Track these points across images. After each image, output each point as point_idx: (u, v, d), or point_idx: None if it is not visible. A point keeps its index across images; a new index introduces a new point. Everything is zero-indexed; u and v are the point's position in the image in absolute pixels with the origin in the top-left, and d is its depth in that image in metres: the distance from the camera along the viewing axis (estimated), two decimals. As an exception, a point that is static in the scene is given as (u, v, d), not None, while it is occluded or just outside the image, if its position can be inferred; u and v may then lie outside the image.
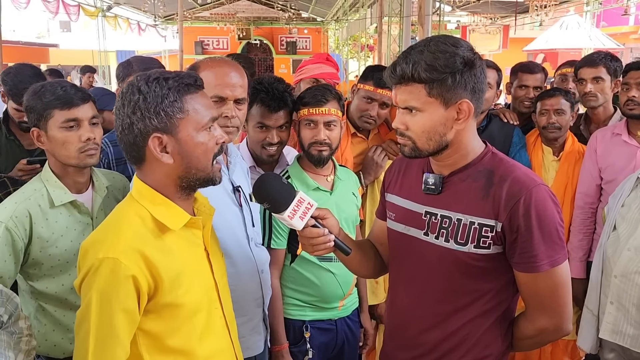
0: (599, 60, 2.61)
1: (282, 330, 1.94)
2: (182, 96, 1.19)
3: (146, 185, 1.24)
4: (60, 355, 1.70)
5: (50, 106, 1.62)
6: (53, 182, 1.67)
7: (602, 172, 2.49)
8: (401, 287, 1.47)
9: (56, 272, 1.66)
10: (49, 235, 1.63)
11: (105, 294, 1.11)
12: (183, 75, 1.21)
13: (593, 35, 14.62)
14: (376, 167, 2.34)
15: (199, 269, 1.29)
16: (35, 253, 1.61)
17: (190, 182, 1.25)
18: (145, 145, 1.19)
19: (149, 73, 1.21)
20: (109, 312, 1.11)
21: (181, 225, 1.24)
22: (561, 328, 1.34)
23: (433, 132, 1.30)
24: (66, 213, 1.68)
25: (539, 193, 1.26)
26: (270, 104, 1.97)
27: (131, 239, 1.16)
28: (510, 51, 14.86)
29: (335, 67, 3.22)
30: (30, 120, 1.66)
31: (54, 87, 1.64)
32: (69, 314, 1.69)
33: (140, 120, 1.17)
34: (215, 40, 17.48)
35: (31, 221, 1.60)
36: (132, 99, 1.17)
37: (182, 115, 1.19)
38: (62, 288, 1.67)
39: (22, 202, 1.61)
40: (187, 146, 1.20)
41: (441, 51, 1.26)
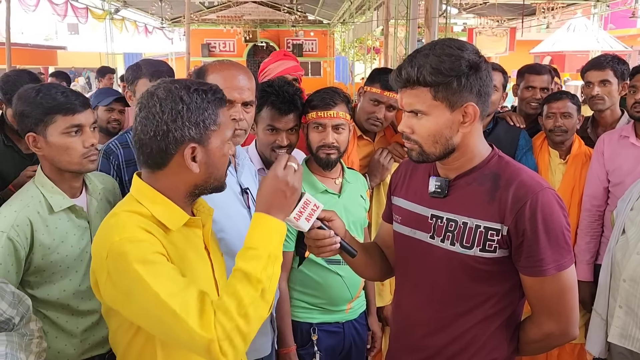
0: (606, 63, 2.61)
1: (290, 333, 1.95)
2: (217, 109, 1.24)
3: (147, 186, 1.25)
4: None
5: (53, 111, 1.60)
6: (49, 187, 1.66)
7: (609, 175, 2.49)
8: (407, 290, 1.48)
9: (57, 278, 1.65)
10: (50, 242, 1.62)
11: (145, 260, 1.11)
12: (216, 89, 1.26)
13: (600, 37, 14.56)
14: (382, 170, 2.35)
15: (200, 266, 1.30)
16: (37, 261, 1.60)
17: (203, 190, 1.28)
18: (175, 152, 1.21)
19: (186, 83, 1.23)
20: (158, 269, 1.11)
21: (180, 225, 1.26)
22: (568, 333, 1.34)
23: (439, 135, 1.30)
24: (65, 218, 1.67)
25: (546, 197, 1.26)
26: (280, 106, 1.98)
27: (139, 224, 1.18)
28: (517, 53, 14.83)
29: (294, 59, 3.27)
30: (24, 125, 1.62)
31: (53, 92, 1.62)
32: (71, 319, 1.68)
33: (179, 128, 1.19)
34: (222, 43, 17.57)
35: (32, 229, 1.58)
36: (174, 107, 1.19)
37: (215, 127, 1.24)
38: (64, 294, 1.65)
39: (21, 210, 1.59)
40: (214, 157, 1.25)
41: (447, 54, 1.26)
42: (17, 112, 1.64)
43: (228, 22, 16.61)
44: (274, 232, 1.21)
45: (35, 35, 24.43)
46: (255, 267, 1.14)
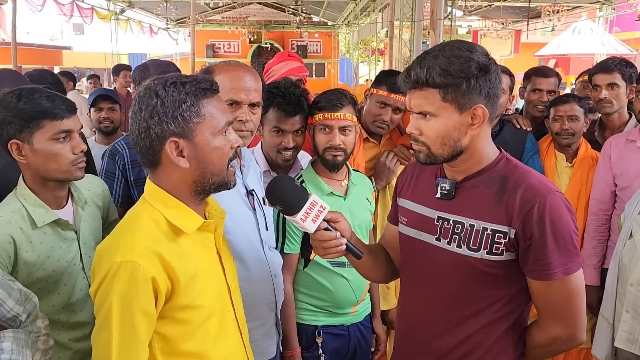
0: (613, 66, 2.60)
1: (295, 335, 1.94)
2: (198, 101, 1.20)
3: (159, 189, 1.24)
4: None
5: (39, 117, 1.50)
6: (32, 200, 1.55)
7: (616, 179, 2.48)
8: (412, 292, 1.47)
9: (44, 293, 1.57)
10: (35, 259, 1.53)
11: (126, 298, 1.11)
12: (200, 80, 1.22)
13: (606, 40, 14.52)
14: (388, 172, 2.35)
15: (212, 272, 1.29)
16: (23, 279, 1.51)
17: (205, 186, 1.25)
18: (161, 149, 1.19)
19: (165, 77, 1.21)
20: (130, 315, 1.11)
21: (195, 229, 1.25)
22: (575, 337, 1.33)
23: (447, 137, 1.29)
24: (50, 232, 1.58)
25: (554, 200, 1.25)
26: (286, 108, 1.98)
27: (147, 240, 1.16)
28: (522, 56, 14.81)
29: (299, 60, 3.25)
30: (5, 132, 1.50)
31: (36, 97, 1.52)
32: (63, 332, 1.62)
33: (157, 124, 1.17)
34: (226, 44, 17.61)
35: (15, 247, 1.50)
36: (149, 103, 1.17)
37: (199, 119, 1.20)
38: (53, 308, 1.59)
39: (2, 227, 1.49)
40: (204, 150, 1.21)
41: (456, 56, 1.25)
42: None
43: (233, 23, 16.65)
44: None
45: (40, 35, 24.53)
46: None
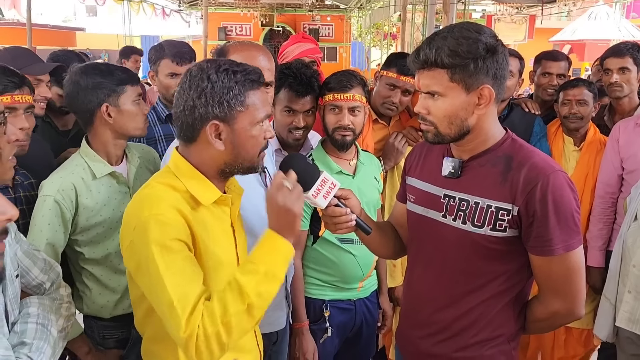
0: (625, 50, 2.60)
1: (303, 309, 2.00)
2: (245, 91, 1.26)
3: (184, 160, 1.30)
4: (107, 316, 1.84)
5: (124, 82, 1.76)
6: (92, 156, 1.78)
7: (623, 163, 2.49)
8: (418, 267, 1.52)
9: (101, 238, 1.78)
10: (94, 205, 1.75)
11: (163, 244, 1.16)
12: (250, 71, 1.27)
13: (622, 26, 14.26)
14: (396, 153, 2.38)
15: (225, 243, 1.36)
16: (82, 222, 1.74)
17: (234, 168, 1.32)
18: (201, 128, 1.25)
19: (219, 62, 1.27)
20: (172, 257, 1.16)
21: (212, 201, 1.31)
22: (573, 312, 1.37)
23: (454, 116, 1.33)
24: (107, 184, 1.79)
25: (557, 179, 1.29)
26: (297, 88, 2.02)
27: (170, 200, 1.23)
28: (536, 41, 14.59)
29: (313, 42, 3.27)
30: (95, 97, 1.73)
31: (112, 67, 1.80)
32: (114, 277, 1.83)
33: (203, 105, 1.23)
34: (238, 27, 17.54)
35: (76, 193, 1.71)
36: (200, 84, 1.23)
37: (242, 108, 1.26)
38: (107, 252, 1.79)
39: (66, 176, 1.73)
40: (240, 138, 1.27)
41: (464, 37, 1.28)
42: (86, 85, 1.73)
43: (245, 5, 16.56)
44: (277, 251, 1.22)
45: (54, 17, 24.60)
46: (249, 281, 1.16)
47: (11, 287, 1.18)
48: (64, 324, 1.31)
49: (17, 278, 1.23)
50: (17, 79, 1.71)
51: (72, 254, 1.81)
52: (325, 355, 2.07)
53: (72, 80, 1.75)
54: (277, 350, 1.91)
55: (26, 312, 1.21)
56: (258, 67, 1.64)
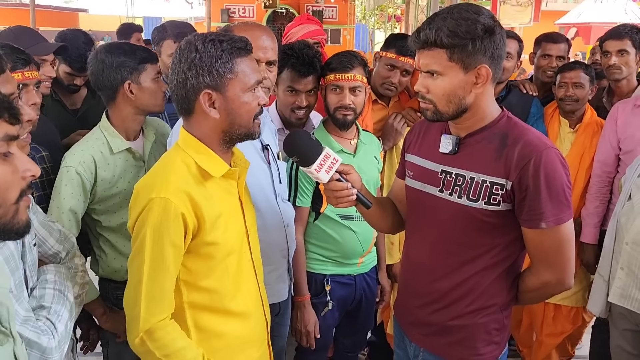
0: (624, 33, 2.62)
1: (305, 283, 2.07)
2: (233, 58, 1.31)
3: (192, 136, 1.36)
4: (120, 279, 1.94)
5: (145, 61, 1.86)
6: (111, 131, 1.89)
7: (620, 143, 2.52)
8: (416, 239, 1.58)
9: (117, 208, 1.90)
10: (111, 177, 1.86)
11: (158, 229, 1.25)
12: (236, 40, 1.32)
13: (629, 9, 14.10)
14: (395, 134, 2.42)
15: (233, 215, 1.42)
16: (100, 193, 1.85)
17: (232, 136, 1.37)
18: (195, 99, 1.31)
19: (205, 34, 1.33)
20: (160, 245, 1.26)
21: (221, 174, 1.37)
22: (563, 282, 1.44)
23: (453, 95, 1.38)
24: (124, 158, 1.90)
25: (549, 155, 1.34)
26: (300, 69, 2.06)
27: (179, 181, 1.30)
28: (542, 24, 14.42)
29: (317, 23, 3.30)
30: (119, 75, 1.83)
31: (133, 47, 1.90)
32: (128, 244, 1.88)
33: (194, 76, 1.29)
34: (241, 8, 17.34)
35: (96, 166, 1.83)
36: (189, 56, 1.29)
37: (232, 75, 1.31)
38: (122, 221, 1.90)
39: (87, 149, 1.84)
40: (233, 104, 1.33)
41: (463, 18, 1.33)
42: (111, 63, 1.82)
43: (248, -13, 16.41)
44: None
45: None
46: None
47: (29, 255, 1.24)
48: (79, 291, 1.38)
49: (34, 247, 1.29)
50: (25, 56, 1.77)
51: (90, 221, 1.92)
52: (325, 327, 2.15)
53: (97, 58, 1.84)
54: (280, 322, 1.98)
55: (44, 278, 1.28)
56: (262, 46, 1.71)
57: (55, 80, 2.60)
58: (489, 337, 1.50)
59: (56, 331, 1.18)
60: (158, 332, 1.28)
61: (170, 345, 1.29)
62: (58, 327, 1.19)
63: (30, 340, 1.11)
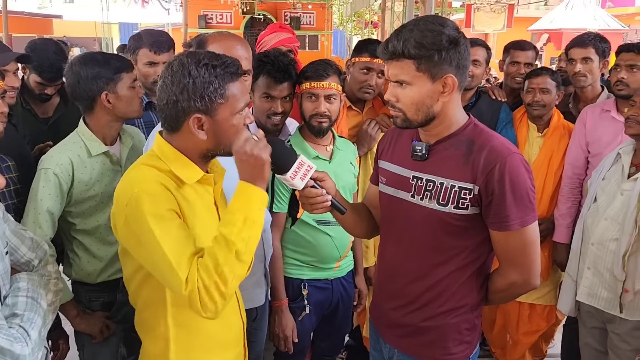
0: (588, 41, 2.71)
1: (282, 288, 2.10)
2: (225, 83, 1.32)
3: (168, 144, 1.38)
4: (93, 281, 1.98)
5: (120, 70, 1.89)
6: (89, 136, 1.92)
7: (589, 146, 2.60)
8: (390, 244, 1.63)
9: (93, 211, 1.93)
10: (88, 180, 1.89)
11: (157, 214, 1.26)
12: (229, 63, 1.34)
13: (598, 15, 14.49)
14: (370, 139, 2.46)
15: (209, 221, 1.44)
16: (77, 195, 1.88)
17: (215, 153, 1.41)
18: (184, 120, 1.33)
19: (199, 56, 1.32)
20: (167, 224, 1.26)
21: (195, 180, 1.39)
22: (529, 282, 1.49)
23: (421, 103, 1.43)
24: (101, 162, 1.93)
25: (513, 160, 1.40)
26: (275, 75, 2.09)
27: (157, 178, 1.32)
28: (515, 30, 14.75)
29: (290, 31, 3.34)
30: (95, 86, 1.85)
31: (108, 56, 1.93)
32: (102, 247, 1.96)
33: (186, 100, 1.30)
34: (219, 14, 17.35)
35: (73, 168, 1.86)
36: (182, 80, 1.30)
37: (223, 100, 1.33)
38: (97, 224, 1.94)
39: (64, 151, 1.88)
40: (222, 127, 1.35)
41: (429, 30, 1.38)
42: (86, 75, 1.84)
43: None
44: (252, 199, 1.30)
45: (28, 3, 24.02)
46: (231, 230, 1.25)
47: (1, 263, 1.25)
48: (53, 298, 1.39)
49: (6, 255, 1.29)
50: None
51: (65, 224, 1.93)
52: (303, 332, 2.17)
53: (72, 71, 1.86)
54: (257, 327, 2.01)
55: (16, 286, 1.28)
56: (236, 56, 1.74)
57: (26, 89, 2.58)
58: (461, 336, 1.55)
59: (29, 338, 1.19)
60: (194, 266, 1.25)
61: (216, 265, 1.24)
62: (31, 334, 1.20)
63: (3, 347, 1.12)
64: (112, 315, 2.01)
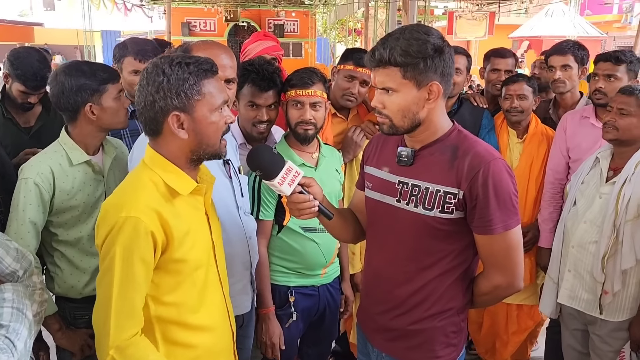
0: (567, 48, 2.78)
1: (269, 295, 2.10)
2: (200, 80, 1.34)
3: (159, 155, 1.39)
4: (77, 296, 1.94)
5: (106, 81, 1.87)
6: (70, 145, 1.90)
7: (569, 152, 2.66)
8: (376, 248, 1.65)
9: (75, 221, 1.90)
10: (69, 189, 1.87)
11: (129, 247, 1.26)
12: (202, 61, 1.36)
13: (577, 23, 14.79)
14: (355, 146, 2.49)
15: (200, 230, 1.45)
16: (58, 204, 1.85)
17: (200, 155, 1.41)
18: (164, 121, 1.34)
19: (172, 56, 1.35)
20: (131, 262, 1.27)
21: (189, 191, 1.40)
22: (513, 285, 1.52)
23: (407, 110, 1.46)
24: (83, 171, 1.91)
25: (496, 166, 1.43)
26: (260, 83, 2.11)
27: (148, 199, 1.32)
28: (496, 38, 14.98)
29: (274, 40, 3.37)
30: (79, 97, 1.83)
31: (95, 67, 1.89)
32: (85, 259, 1.92)
33: (162, 99, 1.32)
34: (202, 22, 17.35)
35: (54, 177, 1.83)
36: (156, 79, 1.31)
37: (199, 97, 1.34)
38: (80, 235, 1.91)
39: (45, 160, 1.85)
40: (201, 124, 1.36)
41: (414, 38, 1.41)
42: (71, 86, 1.81)
43: (209, 1, 16.41)
44: None
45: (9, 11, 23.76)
46: None
47: (-13, 274, 1.24)
48: (38, 309, 1.38)
49: (-9, 266, 1.29)
50: None
51: (47, 235, 1.90)
52: (290, 338, 2.18)
53: (57, 81, 1.84)
54: (243, 334, 2.00)
55: (1, 297, 1.28)
56: (221, 65, 1.75)
57: (7, 97, 2.56)
58: (447, 339, 1.57)
59: (15, 349, 1.18)
60: (129, 348, 1.28)
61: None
62: (17, 345, 1.19)
63: None
64: None
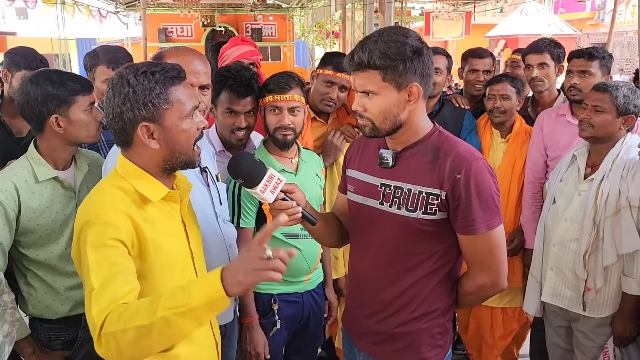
0: (543, 47, 2.80)
1: (252, 304, 2.06)
2: (167, 88, 1.31)
3: (130, 163, 1.35)
4: (53, 316, 1.85)
5: (75, 92, 1.77)
6: (37, 159, 1.81)
7: (547, 150, 2.67)
8: (360, 251, 1.63)
9: (45, 241, 1.81)
10: (36, 207, 1.77)
11: (97, 243, 1.20)
12: (168, 69, 1.32)
13: (551, 21, 15.05)
14: (335, 150, 2.47)
15: (176, 238, 1.41)
16: (25, 223, 1.76)
17: (173, 164, 1.37)
18: (133, 132, 1.31)
19: (137, 66, 1.31)
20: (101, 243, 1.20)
21: (160, 197, 1.36)
22: (497, 284, 1.52)
23: (388, 112, 1.45)
24: (50, 187, 1.82)
25: (478, 166, 1.43)
26: (238, 90, 2.08)
27: (116, 203, 1.28)
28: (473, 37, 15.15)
29: (252, 44, 3.36)
30: (45, 108, 1.74)
31: (65, 77, 1.78)
32: (58, 279, 1.84)
33: (129, 110, 1.28)
34: (179, 28, 17.20)
35: (18, 193, 1.74)
36: (122, 90, 1.28)
37: (167, 105, 1.31)
38: (51, 255, 1.82)
39: (9, 177, 1.76)
40: (172, 133, 1.33)
41: (393, 40, 1.40)
42: (36, 96, 1.73)
43: (185, 6, 16.25)
44: (216, 305, 1.11)
45: (-20, 20, 23.31)
46: (167, 305, 1.09)
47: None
48: (9, 329, 1.33)
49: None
50: None
51: (17, 255, 1.82)
52: (275, 347, 2.14)
53: (22, 89, 1.76)
54: (226, 344, 1.95)
55: None
56: (194, 71, 1.71)
57: (5, 103, 2.48)
58: (433, 341, 1.56)
59: None
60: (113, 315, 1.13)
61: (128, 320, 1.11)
62: None
63: None
64: (72, 355, 1.89)
